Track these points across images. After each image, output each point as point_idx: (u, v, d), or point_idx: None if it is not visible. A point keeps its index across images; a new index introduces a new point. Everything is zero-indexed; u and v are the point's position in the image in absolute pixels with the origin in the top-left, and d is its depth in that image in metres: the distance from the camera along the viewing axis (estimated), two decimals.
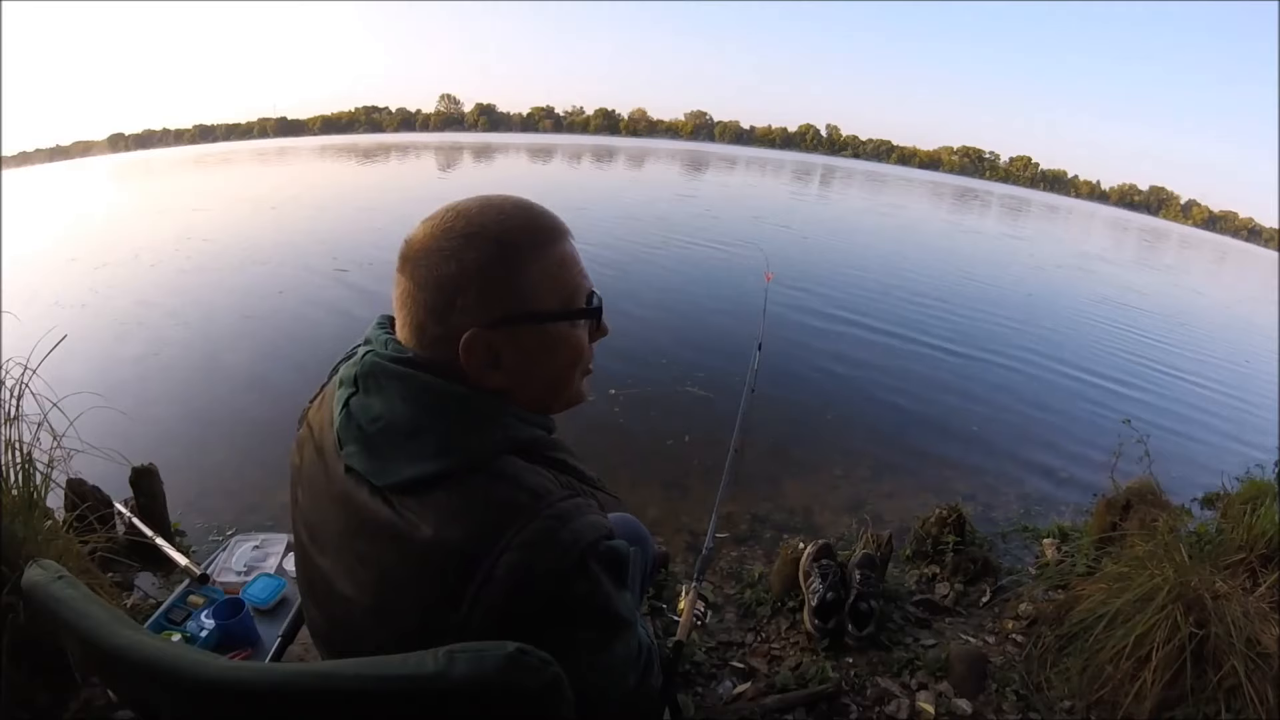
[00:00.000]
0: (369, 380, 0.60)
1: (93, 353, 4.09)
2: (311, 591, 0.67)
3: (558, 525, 0.55)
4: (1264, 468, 2.37)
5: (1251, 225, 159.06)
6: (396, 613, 0.56)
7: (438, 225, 0.61)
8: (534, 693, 0.46)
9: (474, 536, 0.54)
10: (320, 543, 0.63)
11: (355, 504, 0.59)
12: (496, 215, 0.62)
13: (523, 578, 0.52)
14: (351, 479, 0.59)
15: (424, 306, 0.60)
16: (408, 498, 0.56)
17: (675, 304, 6.04)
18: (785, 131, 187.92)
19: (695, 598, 1.36)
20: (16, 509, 1.44)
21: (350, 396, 0.61)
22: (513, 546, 0.53)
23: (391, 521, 0.56)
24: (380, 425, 0.58)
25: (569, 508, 0.57)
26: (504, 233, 0.61)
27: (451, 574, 0.53)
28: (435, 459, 0.56)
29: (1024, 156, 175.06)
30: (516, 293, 0.61)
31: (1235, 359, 7.14)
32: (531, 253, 0.62)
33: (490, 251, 0.60)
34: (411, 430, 0.58)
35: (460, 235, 0.60)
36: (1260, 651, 1.37)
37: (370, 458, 0.58)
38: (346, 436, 0.60)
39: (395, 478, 0.57)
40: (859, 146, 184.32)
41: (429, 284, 0.60)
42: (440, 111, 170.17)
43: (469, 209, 0.62)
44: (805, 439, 3.56)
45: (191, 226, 9.41)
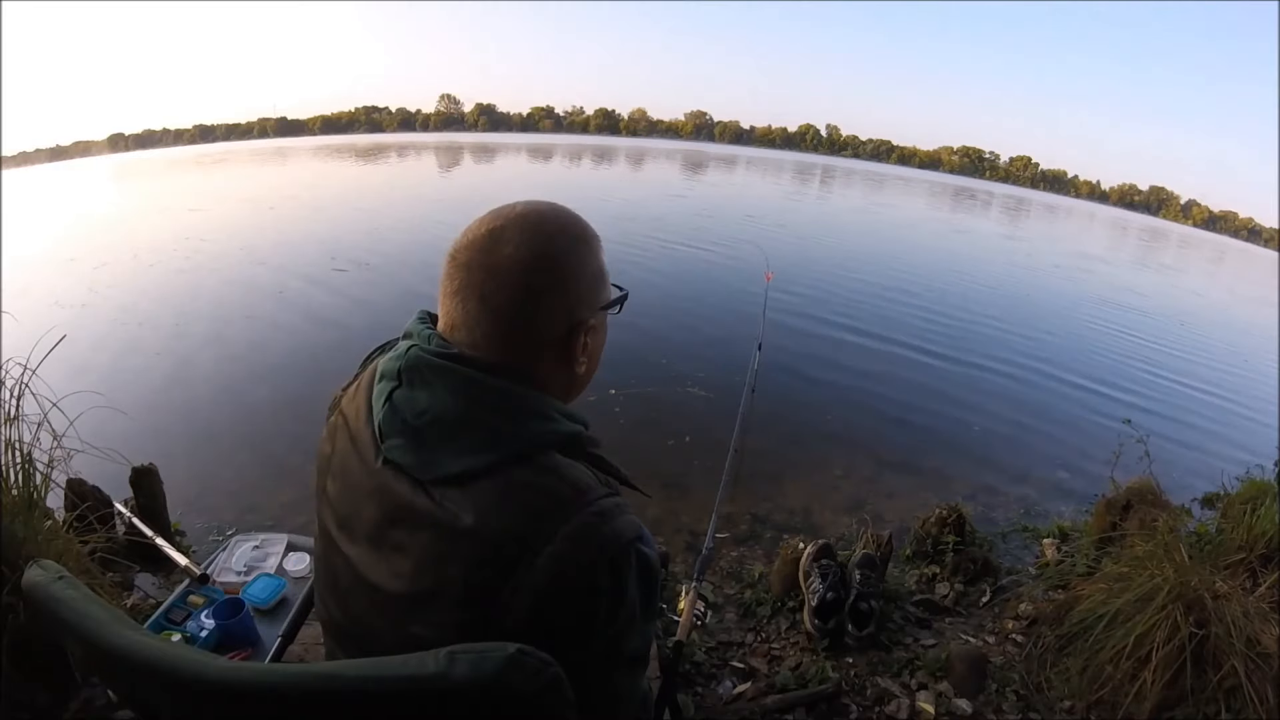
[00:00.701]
0: (414, 374, 0.61)
1: (92, 353, 4.09)
2: (334, 582, 0.66)
3: (600, 521, 0.56)
4: (1264, 468, 2.37)
5: (1251, 225, 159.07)
6: (433, 599, 0.56)
7: (511, 224, 0.63)
8: (534, 694, 0.46)
9: (518, 525, 0.55)
10: (351, 531, 0.63)
11: (393, 496, 0.59)
12: (566, 214, 0.66)
13: (567, 568, 0.54)
14: (390, 471, 0.60)
15: (517, 296, 0.61)
16: (451, 489, 0.57)
17: (675, 304, 6.04)
18: (785, 131, 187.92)
19: (695, 598, 1.36)
20: (16, 509, 1.44)
21: (393, 390, 0.62)
22: (557, 538, 0.54)
23: (432, 512, 0.57)
24: (427, 419, 0.59)
25: (609, 505, 0.59)
26: (584, 230, 0.66)
27: (494, 561, 0.54)
28: (481, 452, 0.57)
29: (1024, 156, 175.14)
30: (603, 282, 0.67)
31: (1234, 359, 7.15)
32: (598, 246, 0.68)
33: (585, 247, 0.65)
34: (458, 424, 0.59)
35: (552, 231, 0.63)
36: (1260, 651, 1.37)
37: (415, 451, 0.59)
38: (390, 430, 0.60)
39: (441, 471, 0.57)
40: (859, 146, 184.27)
41: (518, 281, 0.61)
42: (440, 111, 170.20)
43: (541, 210, 0.65)
44: (805, 439, 3.56)
45: (190, 227, 9.42)
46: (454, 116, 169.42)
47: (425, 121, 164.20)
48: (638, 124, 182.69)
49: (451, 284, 0.62)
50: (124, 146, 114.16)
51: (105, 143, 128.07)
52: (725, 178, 30.84)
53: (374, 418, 0.62)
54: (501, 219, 0.63)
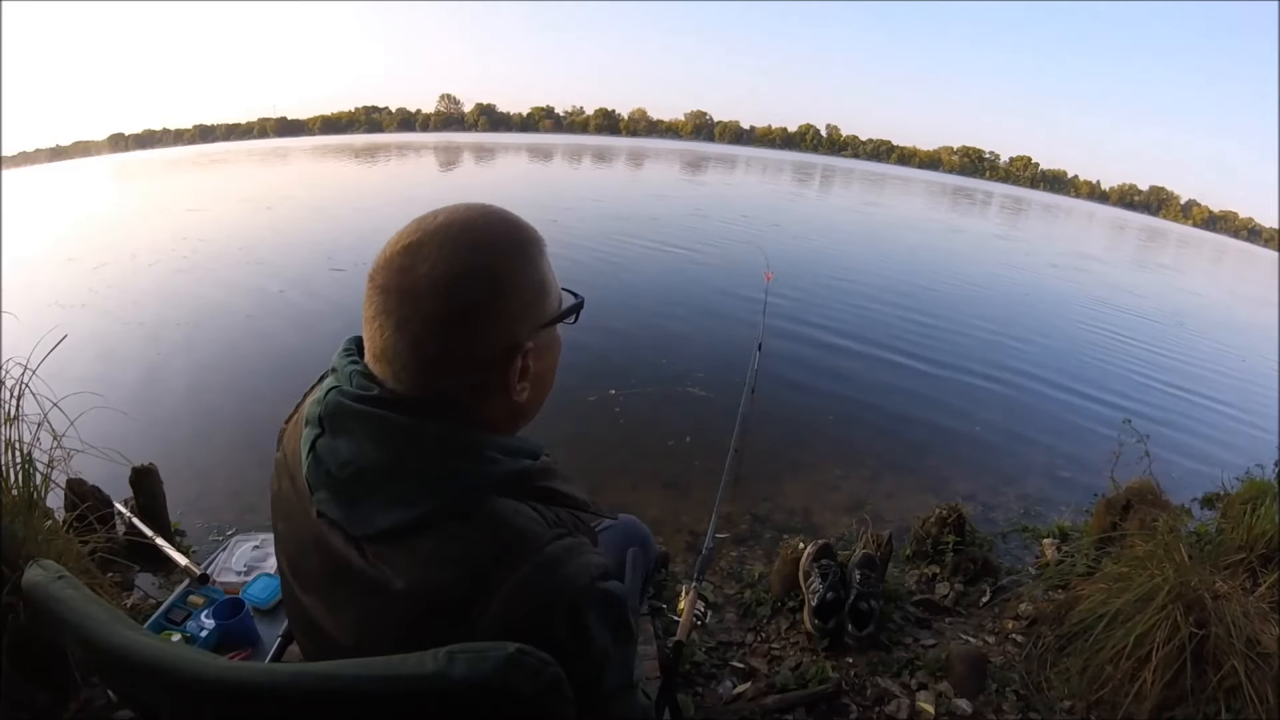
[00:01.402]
0: (334, 421, 0.56)
1: (93, 353, 4.08)
2: (297, 623, 0.65)
3: (544, 574, 0.52)
4: (1264, 468, 2.37)
5: (1251, 225, 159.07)
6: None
7: (430, 238, 0.55)
8: (534, 693, 0.46)
9: (454, 587, 0.51)
10: (301, 579, 0.61)
11: (330, 550, 0.56)
12: (501, 221, 0.58)
13: (512, 629, 0.48)
14: (324, 523, 0.56)
15: (434, 322, 0.54)
16: (382, 547, 0.53)
17: (674, 304, 6.04)
18: (785, 131, 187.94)
19: (695, 598, 1.36)
20: (16, 509, 1.43)
21: (317, 438, 0.57)
22: (496, 597, 0.50)
23: (365, 572, 0.53)
24: (350, 471, 0.54)
25: (558, 551, 0.53)
26: (520, 238, 0.59)
27: (428, 628, 0.49)
28: (411, 506, 0.53)
29: (1024, 156, 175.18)
30: (545, 296, 0.60)
31: (1234, 358, 7.14)
32: (540, 255, 0.60)
33: (519, 259, 0.57)
34: (383, 475, 0.54)
35: (477, 243, 0.55)
36: (1260, 651, 1.37)
37: (342, 506, 0.55)
38: (316, 482, 0.56)
39: (370, 528, 0.53)
40: (859, 146, 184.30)
41: (436, 306, 0.53)
42: (440, 111, 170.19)
43: (467, 218, 0.57)
44: (805, 439, 3.56)
45: (189, 227, 9.41)
46: (454, 116, 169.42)
47: (425, 121, 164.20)
48: (638, 124, 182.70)
49: (369, 309, 0.56)
50: (124, 146, 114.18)
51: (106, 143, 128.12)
52: (723, 178, 30.84)
53: (302, 467, 0.58)
54: (419, 232, 0.55)
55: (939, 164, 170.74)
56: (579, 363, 4.11)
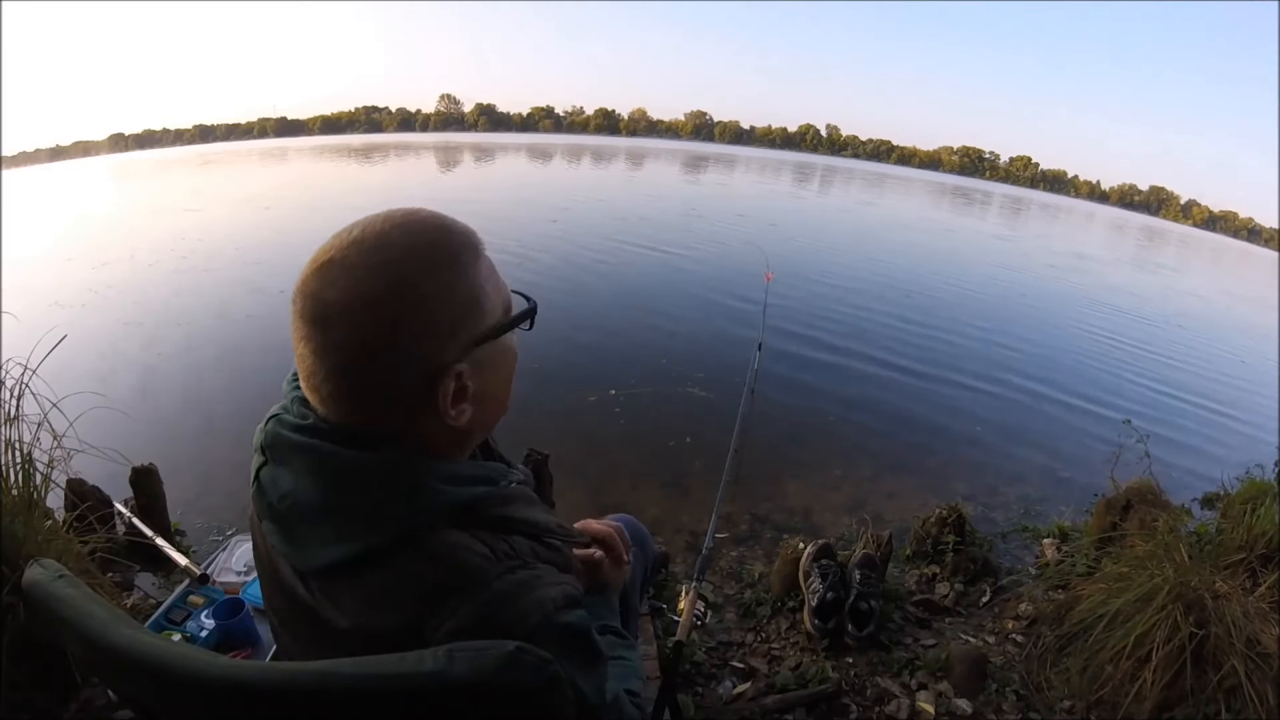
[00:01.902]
0: (274, 451, 0.55)
1: (93, 353, 4.08)
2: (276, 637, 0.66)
3: (491, 612, 0.49)
4: (1264, 468, 2.37)
5: (1251, 225, 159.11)
6: None
7: (341, 258, 0.51)
8: (533, 691, 0.46)
9: (396, 629, 0.49)
10: (273, 607, 0.61)
11: (283, 581, 0.56)
12: (423, 230, 0.53)
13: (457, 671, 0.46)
14: (276, 553, 0.56)
15: (350, 357, 0.50)
16: (325, 583, 0.52)
17: (674, 304, 6.04)
18: (785, 131, 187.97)
19: (695, 598, 1.36)
20: (16, 509, 1.43)
21: (260, 467, 0.56)
22: (439, 638, 0.48)
23: (312, 606, 0.53)
24: (289, 503, 0.53)
25: (508, 586, 0.51)
26: (444, 248, 0.53)
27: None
28: (351, 541, 0.51)
29: (1024, 156, 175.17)
30: (479, 309, 0.55)
31: (1232, 359, 7.14)
32: (474, 263, 0.55)
33: (441, 273, 0.52)
34: (323, 509, 0.52)
35: (388, 260, 0.51)
36: (1260, 651, 1.37)
37: (284, 539, 0.54)
38: (260, 512, 0.56)
39: (312, 562, 0.52)
40: (859, 147, 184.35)
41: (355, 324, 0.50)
42: (440, 111, 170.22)
43: (383, 231, 0.52)
44: (805, 439, 3.56)
45: (187, 227, 9.42)
46: (454, 116, 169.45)
47: (425, 121, 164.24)
48: (638, 124, 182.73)
49: (294, 335, 0.52)
50: (124, 146, 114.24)
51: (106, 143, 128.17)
52: (722, 178, 30.84)
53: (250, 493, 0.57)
54: (333, 250, 0.51)
55: (939, 164, 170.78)
56: (579, 363, 4.11)
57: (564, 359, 4.19)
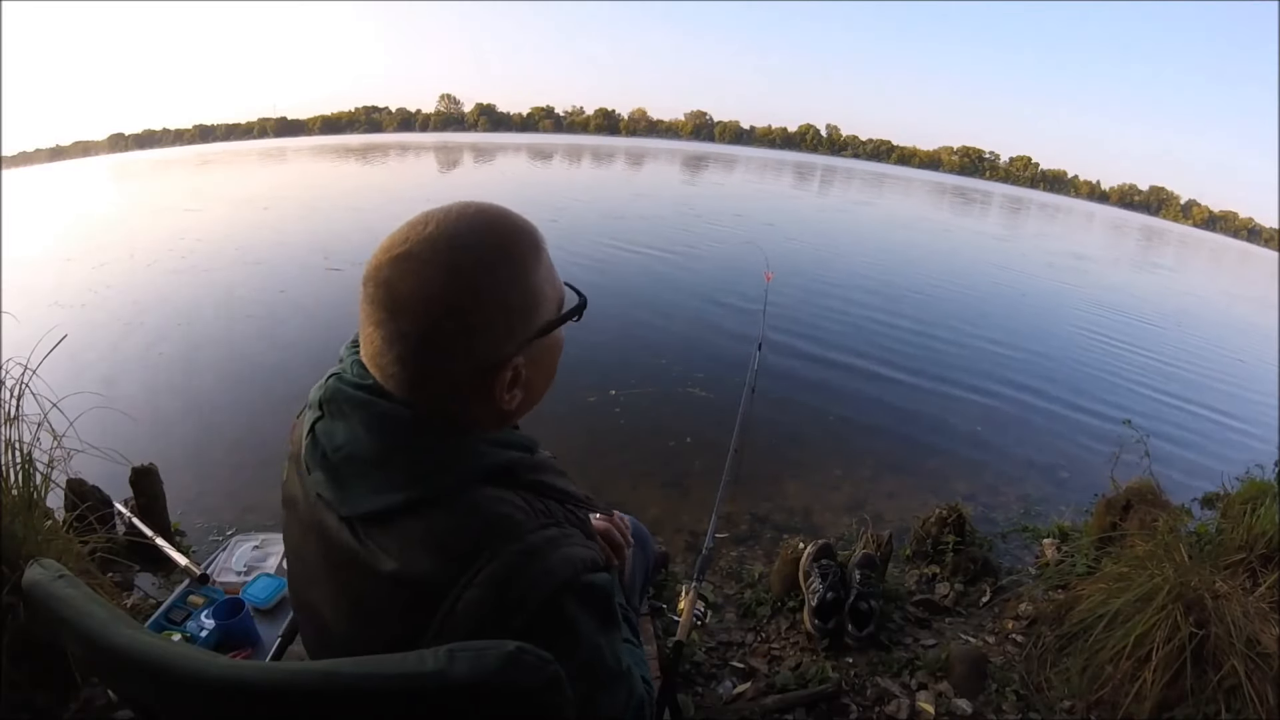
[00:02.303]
0: (332, 406, 0.58)
1: (93, 353, 4.08)
2: (299, 606, 0.67)
3: (525, 561, 0.52)
4: (1264, 468, 2.36)
5: (1251, 225, 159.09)
6: (366, 643, 0.55)
7: (417, 250, 0.54)
8: (534, 691, 0.46)
9: (437, 570, 0.52)
10: (303, 563, 0.63)
11: (326, 531, 0.57)
12: (491, 229, 0.57)
13: (489, 614, 0.50)
14: (321, 504, 0.58)
15: (418, 342, 0.54)
16: (372, 528, 0.55)
17: (674, 304, 6.05)
18: (785, 131, 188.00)
19: (695, 598, 1.36)
20: (16, 509, 1.43)
21: (317, 421, 0.59)
22: (475, 583, 0.51)
23: (356, 551, 0.55)
24: (343, 454, 0.56)
25: (540, 541, 0.54)
26: (509, 249, 0.57)
27: (414, 610, 0.51)
28: (398, 490, 0.54)
29: (1024, 156, 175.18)
30: (537, 307, 0.59)
31: (1231, 359, 7.14)
32: (535, 262, 0.59)
33: (506, 274, 0.56)
34: (374, 460, 0.55)
35: (460, 261, 0.54)
36: (1260, 651, 1.37)
37: (334, 487, 0.56)
38: (312, 463, 0.58)
39: (359, 509, 0.55)
40: (859, 147, 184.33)
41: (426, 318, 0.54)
42: (440, 111, 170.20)
43: (455, 229, 0.55)
44: (805, 439, 3.56)
45: (186, 227, 9.40)
46: (454, 116, 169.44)
47: (425, 121, 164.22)
48: (638, 124, 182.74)
49: (362, 314, 0.57)
50: (124, 146, 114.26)
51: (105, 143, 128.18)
52: (722, 178, 30.83)
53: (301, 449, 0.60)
54: (408, 241, 0.55)
55: (939, 164, 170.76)
56: (579, 364, 4.11)
57: (564, 359, 4.15)
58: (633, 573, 1.08)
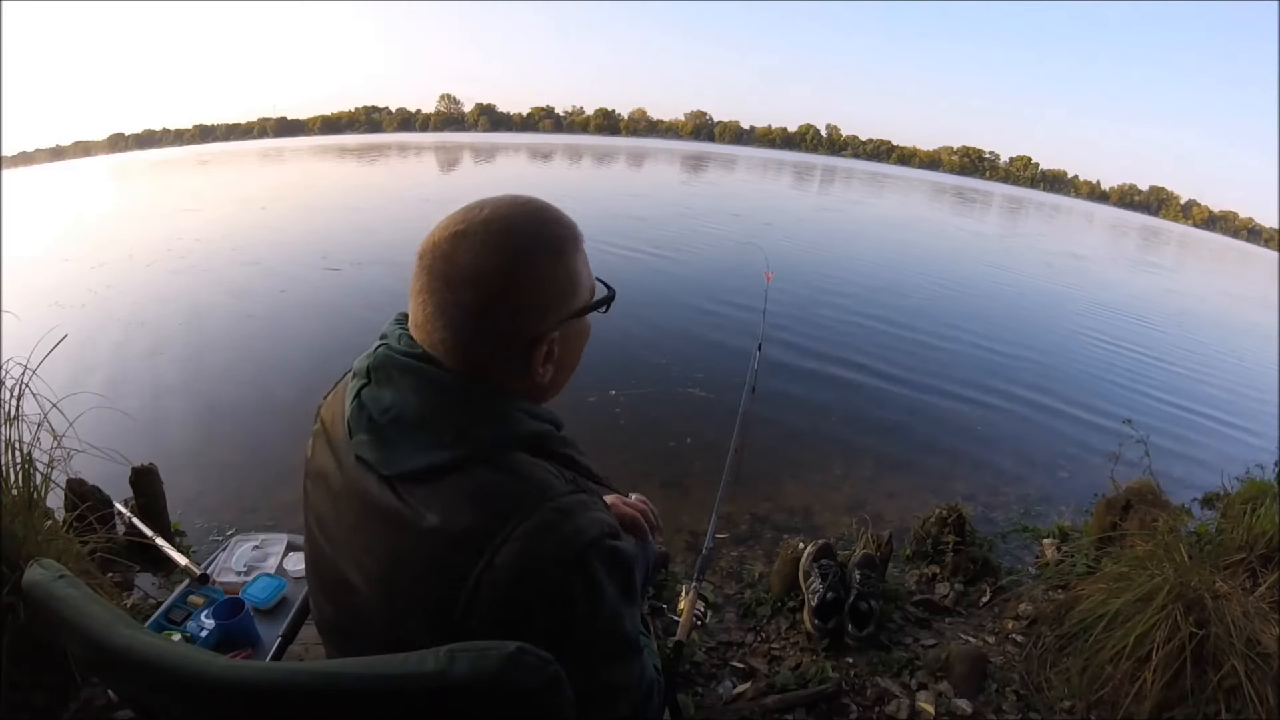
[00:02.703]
0: (380, 372, 0.62)
1: (93, 353, 4.09)
2: (321, 583, 0.68)
3: (560, 518, 0.56)
4: (1264, 468, 2.37)
5: (1251, 225, 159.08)
6: (405, 599, 0.57)
7: (473, 230, 0.60)
8: (535, 691, 0.46)
9: (478, 524, 0.55)
10: (329, 534, 0.65)
11: (364, 493, 0.60)
12: (539, 218, 0.63)
13: (526, 565, 0.53)
14: (361, 468, 0.61)
15: (469, 311, 0.59)
16: (415, 486, 0.57)
17: (674, 304, 6.05)
18: (785, 131, 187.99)
19: (695, 598, 1.36)
20: (16, 509, 1.43)
21: (362, 387, 0.63)
22: (514, 536, 0.54)
23: (398, 509, 0.57)
24: (391, 415, 0.60)
25: (572, 502, 0.58)
26: (555, 236, 0.63)
27: (455, 561, 0.54)
28: (443, 449, 0.57)
29: (1024, 156, 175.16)
30: (574, 291, 0.64)
31: (1232, 357, 7.14)
32: (575, 251, 0.65)
33: (550, 257, 0.62)
34: (421, 422, 0.59)
35: (512, 243, 0.60)
36: (1260, 651, 1.37)
37: (379, 447, 0.59)
38: (357, 426, 0.61)
39: (403, 467, 0.58)
40: (859, 146, 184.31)
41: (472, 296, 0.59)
42: (440, 111, 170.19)
43: (509, 215, 0.62)
44: (805, 439, 3.56)
45: (185, 227, 9.38)
46: (454, 116, 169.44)
47: (425, 121, 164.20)
48: (638, 124, 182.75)
49: (416, 284, 0.62)
50: (124, 146, 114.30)
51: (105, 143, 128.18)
52: (721, 178, 30.83)
53: (345, 415, 0.63)
54: (466, 222, 0.61)
55: (939, 164, 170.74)
56: (580, 363, 4.11)
57: None
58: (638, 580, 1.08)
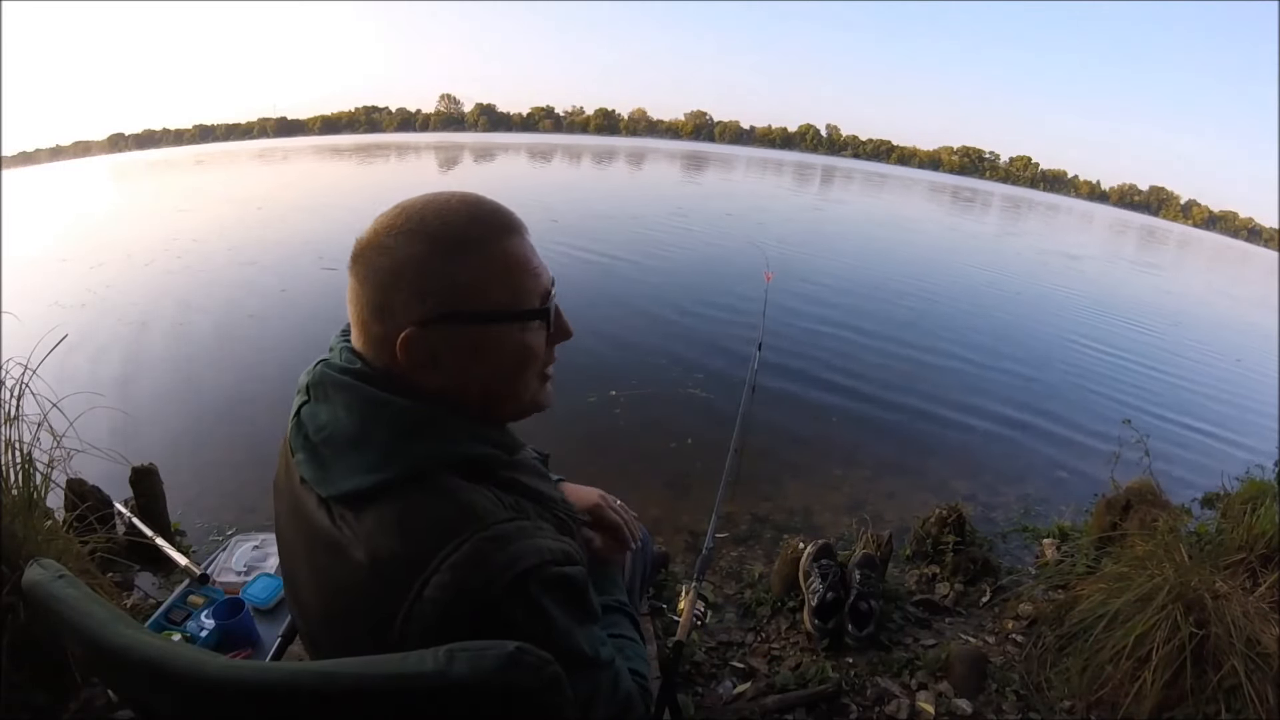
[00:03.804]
0: (318, 389, 0.61)
1: (93, 353, 4.08)
2: (290, 594, 0.68)
3: (492, 547, 0.53)
4: (1264, 468, 2.37)
5: (1251, 225, 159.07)
6: (345, 626, 0.57)
7: (383, 222, 0.61)
8: (534, 691, 0.46)
9: (405, 555, 0.53)
10: (289, 549, 0.65)
11: (306, 513, 0.59)
12: (439, 211, 0.60)
13: (453, 599, 0.51)
14: (305, 488, 0.60)
15: (366, 305, 0.60)
16: (346, 510, 0.56)
17: (674, 305, 6.04)
18: (785, 131, 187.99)
19: (695, 598, 1.36)
20: (16, 509, 1.43)
21: (303, 405, 0.62)
22: (443, 568, 0.52)
23: (334, 536, 0.56)
24: (325, 435, 0.59)
25: (509, 530, 0.55)
26: (444, 228, 0.59)
27: (384, 593, 0.53)
28: (372, 471, 0.56)
29: (1024, 156, 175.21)
30: (454, 290, 0.59)
31: (1231, 357, 7.14)
32: (473, 249, 0.60)
33: (428, 248, 0.58)
34: (353, 441, 0.57)
35: (401, 231, 0.59)
36: (1260, 651, 1.37)
37: (314, 467, 0.59)
38: (295, 445, 0.61)
39: (336, 489, 0.57)
40: (859, 146, 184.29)
41: (370, 281, 0.59)
42: (440, 111, 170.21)
43: (414, 205, 0.61)
44: (805, 439, 3.56)
45: (182, 228, 9.34)
46: (454, 116, 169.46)
47: (425, 122, 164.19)
48: (638, 124, 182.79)
49: (348, 288, 0.62)
50: (124, 146, 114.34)
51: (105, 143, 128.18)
52: (721, 178, 30.83)
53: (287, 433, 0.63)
54: (395, 209, 0.62)
55: (939, 164, 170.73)
56: (579, 364, 4.11)
57: (564, 360, 4.09)
58: (633, 573, 1.08)
